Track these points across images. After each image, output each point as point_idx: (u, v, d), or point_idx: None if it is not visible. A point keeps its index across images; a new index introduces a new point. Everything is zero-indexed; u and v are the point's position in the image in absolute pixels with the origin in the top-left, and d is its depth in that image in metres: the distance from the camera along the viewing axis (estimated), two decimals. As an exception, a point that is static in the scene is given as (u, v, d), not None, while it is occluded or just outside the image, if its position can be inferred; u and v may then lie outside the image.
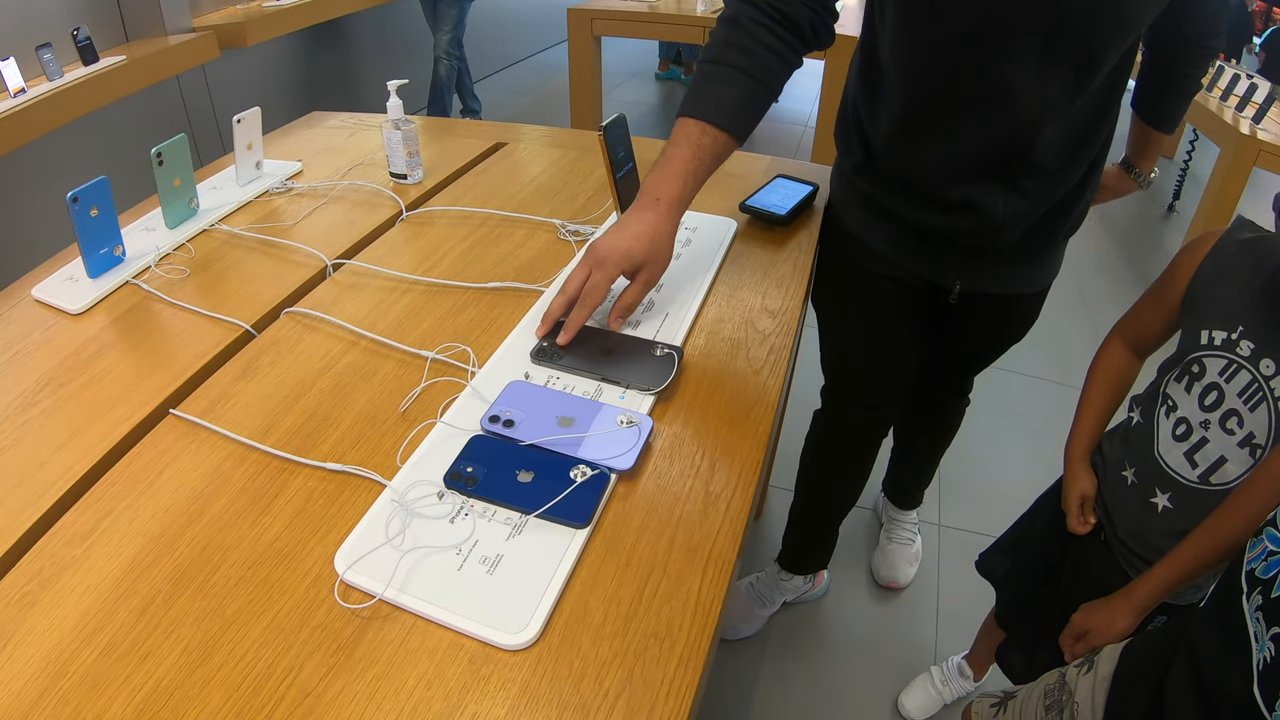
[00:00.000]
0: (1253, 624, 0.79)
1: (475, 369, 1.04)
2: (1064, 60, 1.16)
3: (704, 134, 1.17)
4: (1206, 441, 1.19)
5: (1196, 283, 1.24)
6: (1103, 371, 1.41)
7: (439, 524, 0.81)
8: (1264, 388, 1.12)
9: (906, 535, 2.34)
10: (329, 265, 1.26)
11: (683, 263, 1.32)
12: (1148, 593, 1.19)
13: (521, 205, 1.49)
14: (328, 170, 1.60)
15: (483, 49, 5.90)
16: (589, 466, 0.87)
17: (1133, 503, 1.29)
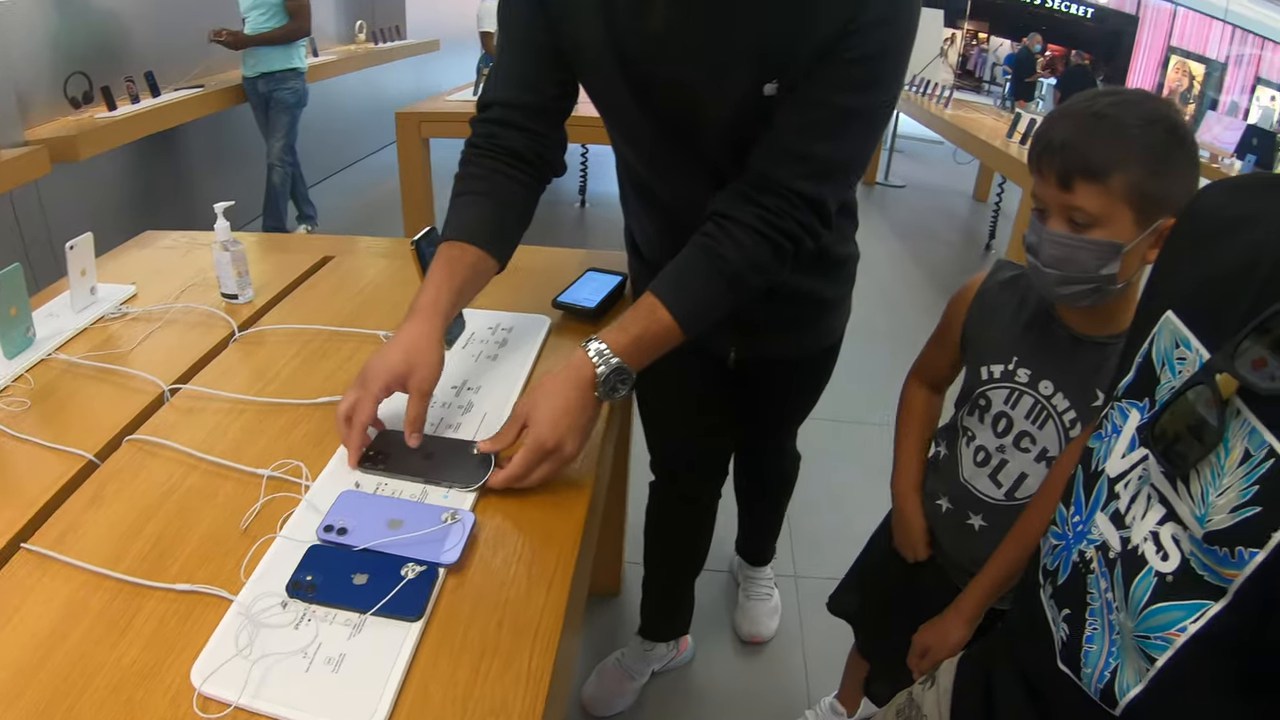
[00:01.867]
0: (1050, 611, 0.90)
1: (309, 482, 1.09)
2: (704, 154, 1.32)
3: (453, 248, 1.26)
4: (1006, 463, 1.33)
5: (968, 325, 1.39)
6: (909, 411, 1.55)
7: (285, 631, 0.87)
8: (1047, 406, 1.27)
9: (764, 590, 2.43)
10: (166, 390, 1.30)
11: (499, 363, 1.40)
12: (973, 603, 1.32)
13: (349, 319, 1.55)
14: (162, 292, 1.63)
15: (316, 153, 5.94)
16: (418, 564, 0.94)
17: (952, 527, 1.42)
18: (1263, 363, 0.66)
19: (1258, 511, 0.66)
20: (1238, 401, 0.70)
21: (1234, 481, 0.69)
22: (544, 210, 1.40)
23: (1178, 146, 1.11)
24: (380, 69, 7.09)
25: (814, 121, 1.21)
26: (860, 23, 1.14)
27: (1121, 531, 0.81)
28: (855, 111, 1.21)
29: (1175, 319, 0.81)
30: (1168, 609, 0.74)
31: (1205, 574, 0.71)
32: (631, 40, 1.23)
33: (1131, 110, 1.11)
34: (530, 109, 1.34)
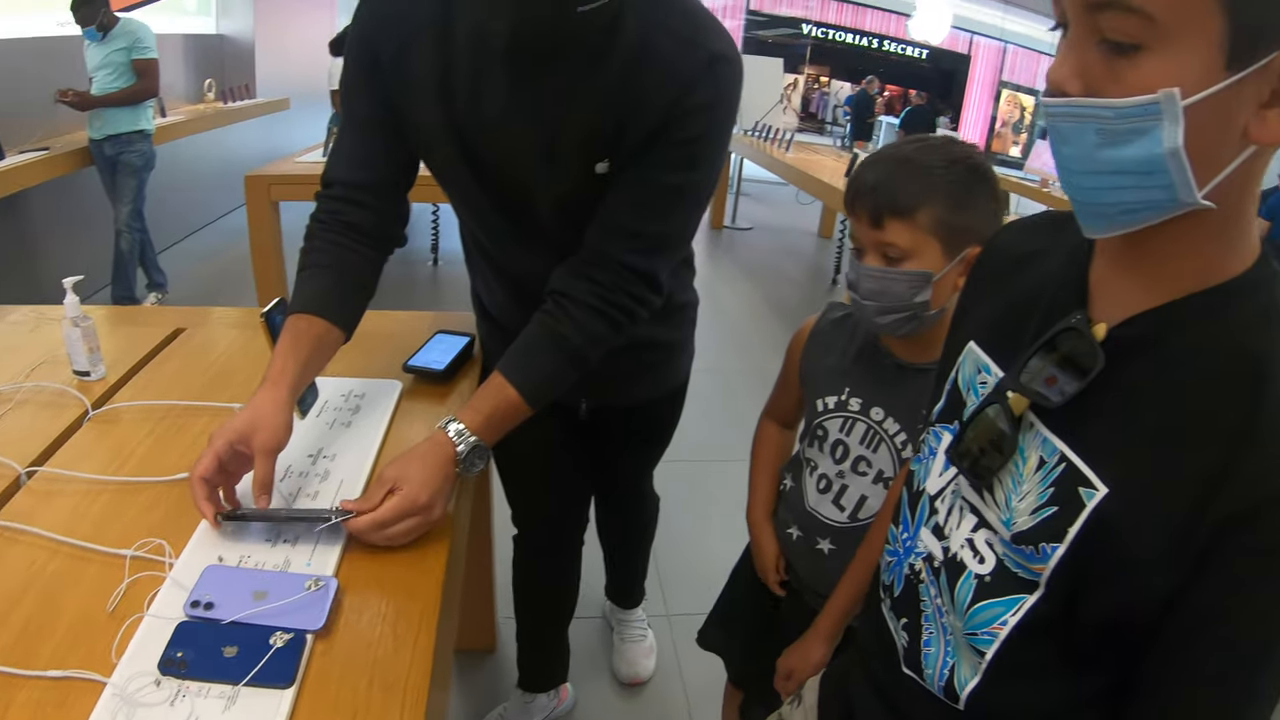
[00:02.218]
0: (891, 621, 1.00)
1: (172, 560, 1.11)
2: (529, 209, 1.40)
3: (299, 321, 1.30)
4: (846, 487, 1.43)
5: (805, 363, 1.50)
6: (762, 446, 1.65)
7: (160, 709, 0.89)
8: (879, 431, 1.38)
9: (637, 632, 2.49)
10: (22, 474, 1.29)
11: (353, 429, 1.43)
12: (829, 623, 1.40)
13: (204, 392, 1.55)
14: (11, 371, 1.60)
15: (165, 218, 5.80)
16: (285, 631, 0.97)
17: (804, 552, 1.51)
18: (1054, 380, 0.76)
19: (1055, 511, 0.76)
20: (1030, 415, 0.80)
21: (1032, 487, 0.78)
22: (396, 269, 1.45)
23: (979, 183, 1.24)
24: (230, 129, 6.98)
25: (642, 199, 1.30)
26: (685, 106, 1.23)
27: (942, 542, 0.90)
28: (681, 188, 1.31)
29: (976, 348, 0.91)
30: (989, 606, 0.83)
31: (1018, 571, 0.80)
32: (469, 124, 1.31)
33: (934, 153, 1.24)
34: (371, 186, 1.39)
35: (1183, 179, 0.64)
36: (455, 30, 1.27)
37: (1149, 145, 0.63)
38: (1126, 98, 0.63)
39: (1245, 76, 0.61)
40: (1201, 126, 0.62)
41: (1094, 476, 0.74)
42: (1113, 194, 0.68)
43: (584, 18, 1.13)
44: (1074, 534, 0.74)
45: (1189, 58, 0.61)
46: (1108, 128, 0.65)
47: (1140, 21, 0.61)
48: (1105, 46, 0.64)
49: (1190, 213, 0.67)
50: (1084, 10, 0.65)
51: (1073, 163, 0.69)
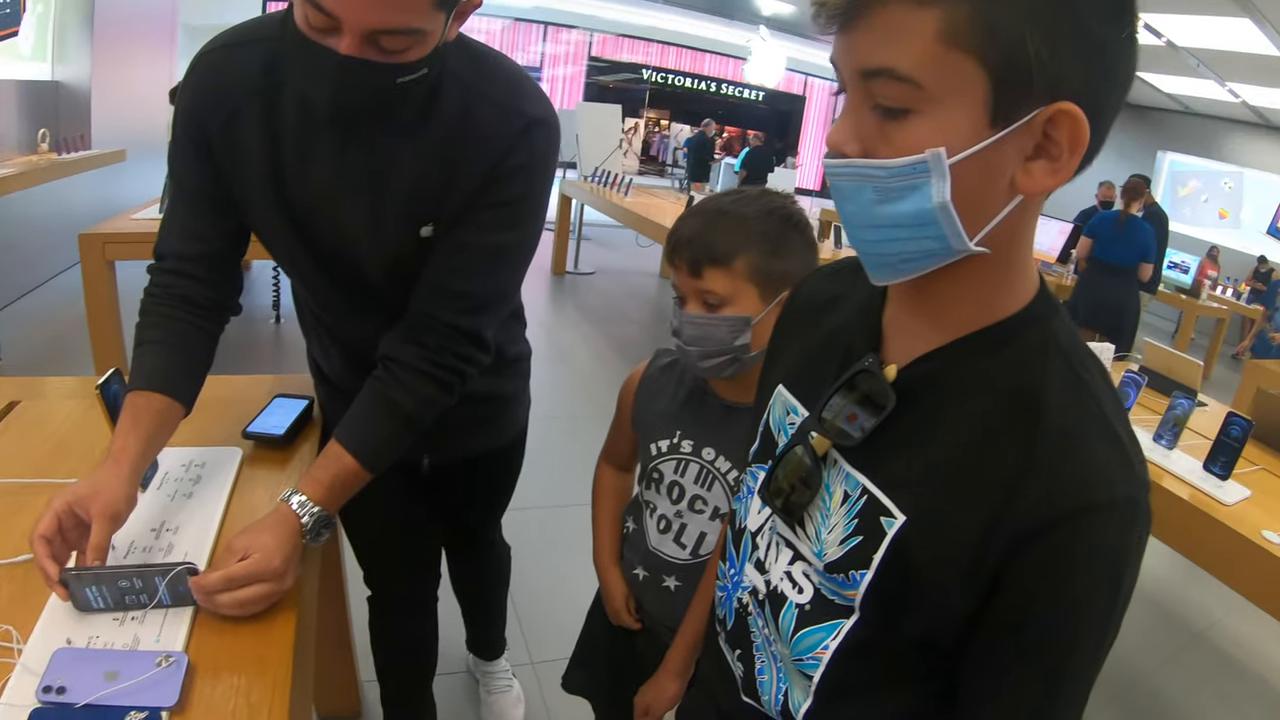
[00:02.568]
0: (727, 653, 1.05)
1: (20, 645, 1.08)
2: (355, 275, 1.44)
3: (138, 397, 1.30)
4: (686, 526, 1.49)
5: (636, 409, 1.57)
6: (602, 491, 1.70)
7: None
8: (712, 470, 1.45)
9: (503, 683, 2.49)
10: None
11: (195, 500, 1.41)
12: (679, 659, 1.45)
13: (42, 469, 1.49)
14: None
15: (-6, 281, 5.48)
16: (139, 710, 0.97)
17: (651, 591, 1.56)
18: (854, 417, 0.83)
19: (860, 540, 0.82)
20: (833, 453, 0.86)
21: (839, 519, 0.85)
22: (237, 328, 1.45)
23: (792, 230, 1.33)
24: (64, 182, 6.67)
25: (465, 261, 1.36)
26: (504, 169, 1.30)
27: (764, 576, 0.96)
28: (503, 248, 1.38)
29: (785, 390, 0.98)
30: (811, 632, 0.89)
31: (833, 598, 0.87)
32: (297, 193, 1.34)
33: (751, 204, 1.32)
34: (204, 258, 1.40)
35: (953, 230, 0.71)
36: (282, 99, 1.30)
37: (920, 200, 0.70)
38: (897, 158, 0.69)
39: (1009, 133, 0.68)
40: (969, 181, 0.69)
41: (893, 506, 0.80)
42: (892, 245, 0.74)
43: (404, 88, 1.18)
44: (879, 560, 0.80)
45: (955, 119, 0.67)
46: (883, 186, 0.71)
47: (909, 88, 0.67)
48: (878, 111, 0.70)
49: (968, 258, 0.73)
50: (858, 78, 0.71)
51: (854, 218, 0.75)
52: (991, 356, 0.79)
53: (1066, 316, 0.81)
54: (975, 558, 0.74)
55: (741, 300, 1.32)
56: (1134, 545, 0.74)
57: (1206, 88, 11.22)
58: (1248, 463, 2.81)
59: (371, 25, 1.09)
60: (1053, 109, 0.67)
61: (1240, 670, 3.47)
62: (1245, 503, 2.52)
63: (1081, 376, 0.77)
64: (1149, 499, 0.75)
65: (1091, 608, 0.74)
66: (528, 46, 15.00)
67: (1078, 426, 0.74)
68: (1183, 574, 3.77)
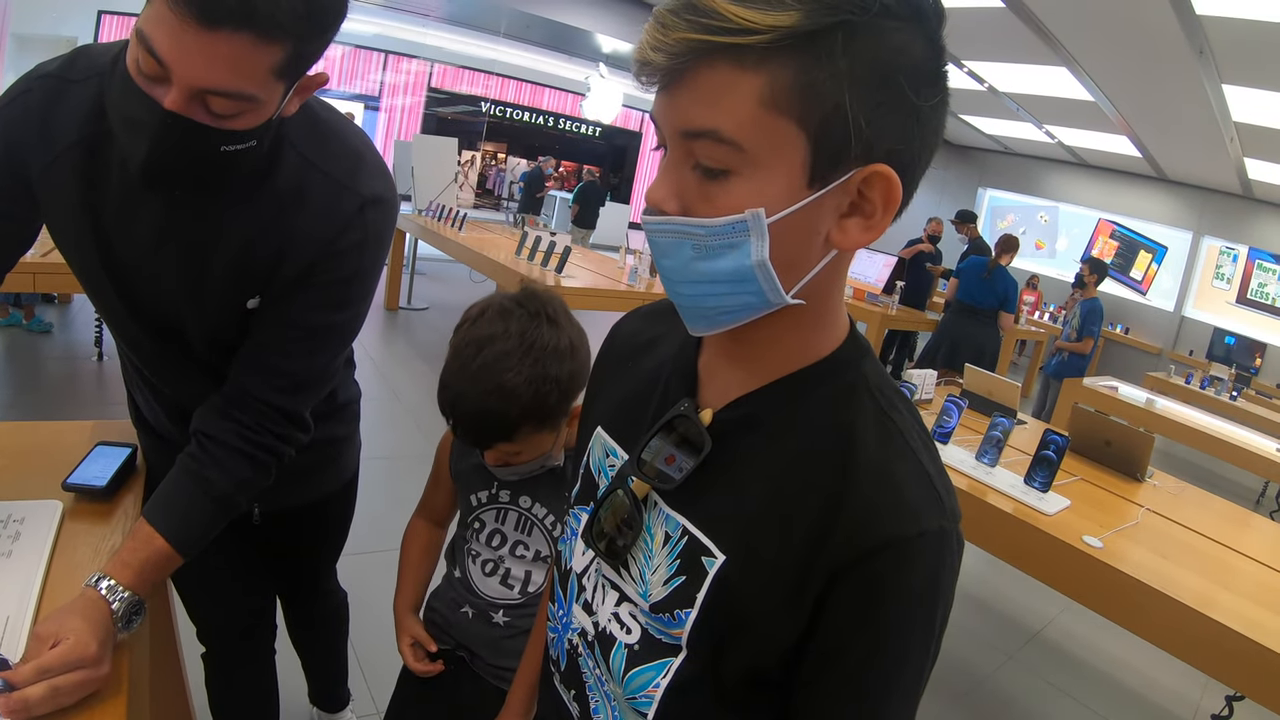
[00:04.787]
0: (562, 693, 1.03)
1: None
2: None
3: None
4: (510, 569, 1.53)
5: (454, 463, 1.60)
6: (413, 543, 1.70)
7: None
8: (529, 517, 1.51)
9: (348, 735, 2.40)
10: None
11: (15, 560, 1.29)
12: (519, 699, 1.39)
13: None
14: None
15: None
16: None
17: (480, 629, 1.56)
18: (672, 459, 0.84)
19: (683, 580, 0.83)
20: (654, 495, 0.87)
21: (662, 560, 0.86)
22: (57, 365, 1.38)
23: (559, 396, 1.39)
24: None
25: (287, 338, 1.32)
26: (336, 247, 1.27)
27: (592, 617, 0.96)
28: (329, 328, 1.35)
29: (604, 433, 0.98)
30: (642, 671, 0.89)
31: (660, 637, 0.87)
32: (117, 254, 1.28)
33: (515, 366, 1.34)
34: None
35: (770, 285, 0.73)
36: (108, 152, 1.23)
37: (739, 258, 0.71)
38: (717, 218, 0.71)
39: (826, 192, 0.70)
40: (786, 238, 0.71)
41: (713, 545, 0.81)
42: (711, 299, 0.76)
43: (229, 157, 1.12)
44: (701, 598, 0.81)
45: (774, 179, 0.69)
46: (702, 244, 0.72)
47: (730, 150, 0.68)
48: (699, 170, 0.71)
49: (782, 309, 0.76)
50: (679, 137, 0.71)
51: (673, 274, 0.76)
52: (804, 398, 0.81)
53: (875, 359, 0.84)
54: (795, 591, 0.77)
55: (537, 443, 1.44)
56: (946, 573, 0.77)
57: (1024, 129, 11.97)
58: (1066, 474, 3.04)
59: (201, 84, 1.02)
60: (868, 170, 0.70)
61: (1079, 664, 3.69)
62: (1065, 512, 2.71)
63: (890, 415, 0.80)
64: (959, 528, 0.78)
65: (908, 635, 0.77)
66: (367, 75, 14.59)
67: (886, 462, 0.77)
68: (1014, 580, 3.97)
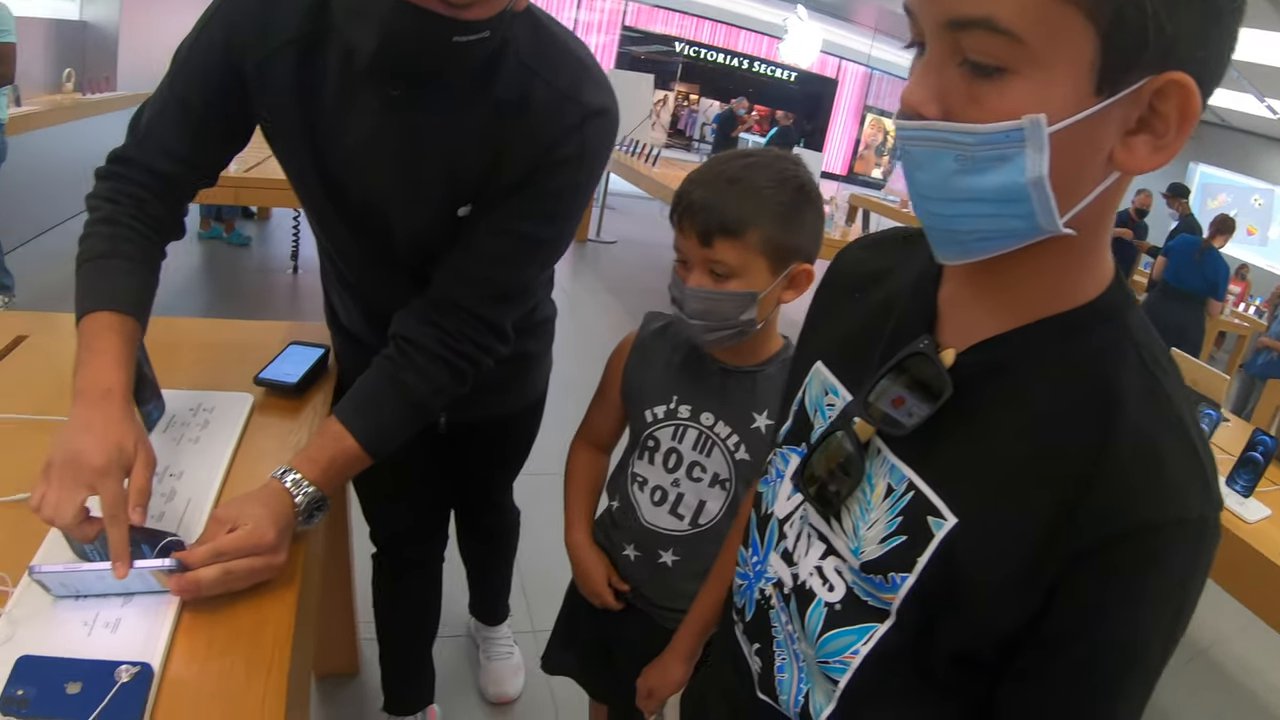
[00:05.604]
0: (744, 645, 0.98)
1: (11, 589, 1.03)
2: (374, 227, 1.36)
3: (125, 323, 1.17)
4: (683, 495, 1.44)
5: (628, 377, 1.51)
6: (577, 470, 1.64)
7: (-1, 754, 0.82)
8: (710, 436, 1.40)
9: (504, 649, 2.46)
10: None
11: (202, 446, 1.34)
12: (687, 642, 1.40)
13: (46, 405, 1.41)
14: None
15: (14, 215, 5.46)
16: (131, 665, 0.92)
17: (645, 571, 1.51)
18: (901, 401, 0.74)
19: (904, 540, 0.75)
20: (877, 441, 0.79)
21: (880, 515, 0.77)
22: (254, 278, 1.41)
23: (805, 202, 1.27)
24: (88, 122, 6.58)
25: (499, 248, 1.29)
26: (551, 159, 1.23)
27: (792, 568, 0.89)
28: (539, 241, 1.31)
29: (823, 368, 0.90)
30: (840, 635, 0.82)
31: (868, 599, 0.80)
32: (329, 148, 1.27)
33: (761, 172, 1.26)
34: (175, 182, 1.31)
35: (1045, 207, 0.62)
36: (327, 45, 1.21)
37: (1011, 174, 0.61)
38: (989, 123, 0.60)
39: (1115, 101, 0.59)
40: (1066, 154, 0.60)
41: (943, 506, 0.72)
42: (969, 221, 0.65)
43: (460, 49, 1.09)
44: (923, 564, 0.73)
45: (1057, 81, 0.58)
46: (967, 154, 0.61)
47: (1007, 42, 0.57)
48: (967, 67, 0.60)
49: (1048, 239, 0.65)
50: (944, 29, 0.60)
51: (928, 189, 0.66)
52: (1062, 349, 0.70)
53: (1141, 311, 0.72)
54: (1030, 569, 0.67)
55: (751, 273, 1.27)
56: (1200, 571, 0.67)
57: (1245, 101, 10.98)
58: (1270, 482, 2.75)
59: None
60: (1165, 78, 0.58)
61: (1237, 689, 3.41)
62: (1266, 521, 2.48)
63: (1158, 377, 0.69)
64: (1219, 518, 0.67)
65: (1153, 631, 0.68)
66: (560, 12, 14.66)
67: (1154, 431, 0.66)
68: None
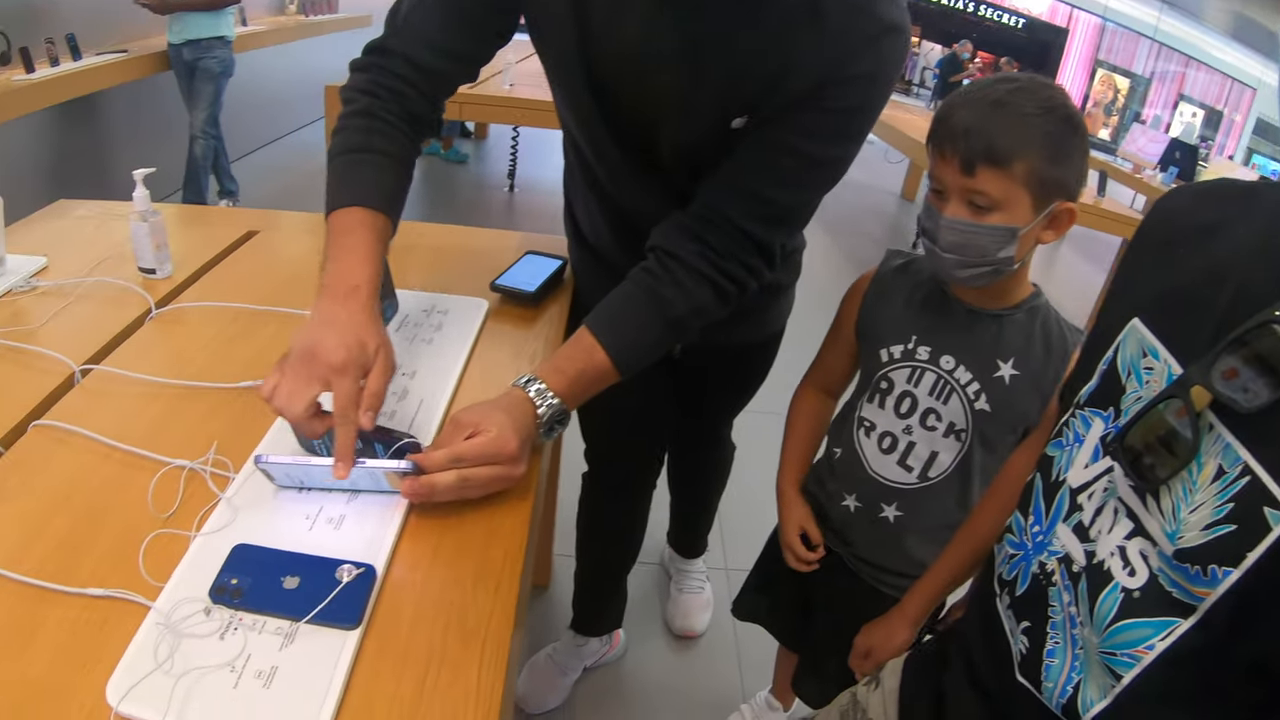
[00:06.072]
0: (1007, 622, 0.89)
1: (232, 474, 1.01)
2: None
3: (377, 219, 1.13)
4: (914, 444, 1.36)
5: (864, 314, 1.42)
6: (800, 415, 1.58)
7: (209, 641, 0.79)
8: (950, 381, 1.30)
9: (696, 584, 2.40)
10: (77, 371, 1.20)
11: (435, 347, 1.32)
12: (917, 606, 1.32)
13: (274, 297, 1.45)
14: (75, 265, 1.52)
15: (240, 127, 5.70)
16: (355, 565, 0.86)
17: (863, 524, 1.43)
18: (1234, 373, 0.64)
19: (1232, 529, 0.64)
20: (1211, 416, 0.68)
21: (1207, 498, 0.67)
22: (470, 193, 1.35)
23: (1073, 134, 1.16)
24: (309, 42, 6.83)
25: (777, 165, 1.17)
26: (846, 74, 1.10)
27: (1086, 545, 0.79)
28: (821, 161, 1.18)
29: (1142, 326, 0.79)
30: (1135, 626, 0.72)
31: (1175, 591, 0.69)
32: (603, 51, 1.18)
33: (1030, 98, 1.14)
34: (436, 78, 1.24)
35: None
36: None
37: None
38: None
39: None
40: None
41: None
42: None
43: None
44: (1253, 561, 0.63)
45: None
46: None
47: None
48: None
49: None
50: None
51: None
52: None
53: None
54: None
55: (1013, 207, 1.16)
56: None
57: None
58: None
59: None
60: None
61: None
62: None
63: None
64: None
65: None
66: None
67: None
68: None
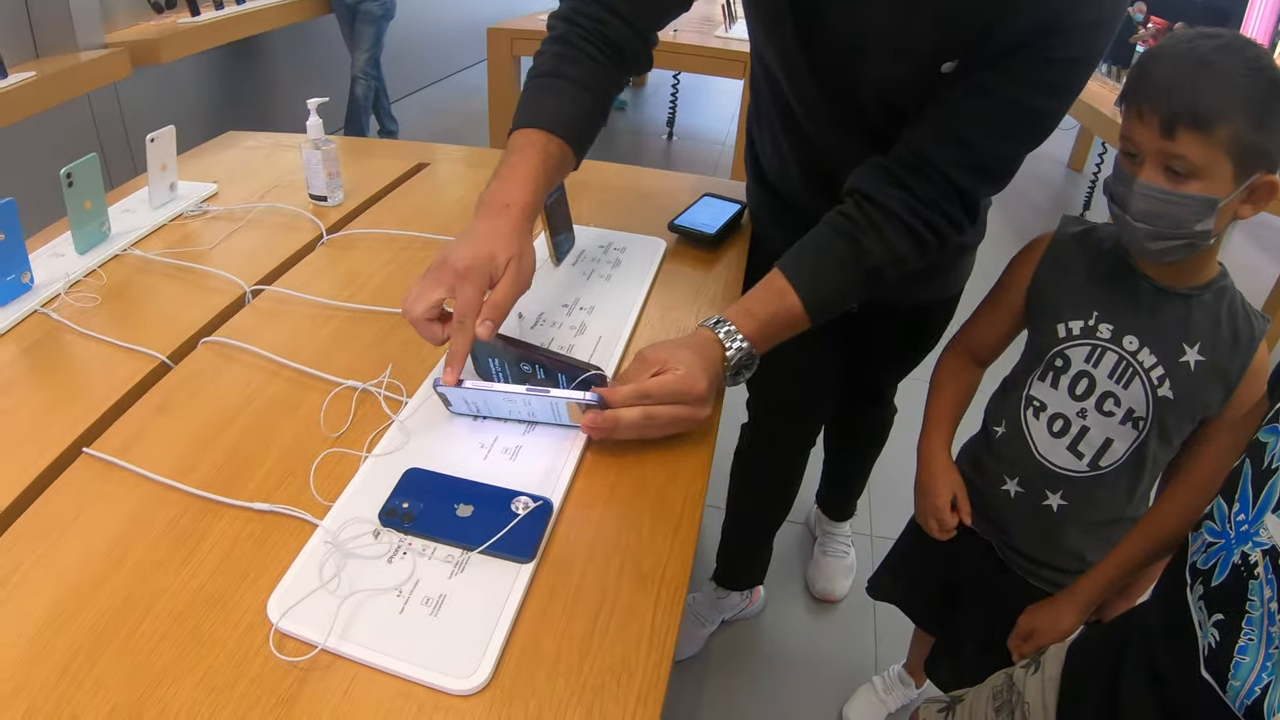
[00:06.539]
0: (1196, 613, 0.84)
1: (405, 399, 1.00)
2: None
3: (550, 142, 1.10)
4: (1088, 430, 1.25)
5: (1039, 282, 1.31)
6: (949, 379, 1.48)
7: (376, 564, 0.77)
8: (1132, 363, 1.20)
9: (840, 548, 2.34)
10: (248, 291, 1.21)
11: (613, 284, 1.30)
12: (1090, 592, 1.24)
13: (444, 227, 1.44)
14: (245, 192, 1.54)
15: (400, 68, 5.80)
16: (531, 499, 0.83)
17: (1024, 511, 1.34)
18: None
19: None
20: None
21: None
22: (629, 139, 1.31)
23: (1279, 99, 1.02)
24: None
25: (989, 112, 1.10)
26: (1068, 22, 1.02)
27: None
28: (1037, 113, 1.10)
29: None
30: None
31: None
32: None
33: (1235, 56, 1.02)
34: (645, 4, 1.20)
35: None
36: None
37: None
38: None
39: None
40: None
41: None
42: None
43: None
44: None
45: None
46: None
47: None
48: None
49: None
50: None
51: None
52: None
53: None
54: None
55: (1214, 175, 1.04)
56: None
57: None
58: None
59: None
60: None
61: None
62: None
63: None
64: None
65: None
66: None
67: None
68: None
